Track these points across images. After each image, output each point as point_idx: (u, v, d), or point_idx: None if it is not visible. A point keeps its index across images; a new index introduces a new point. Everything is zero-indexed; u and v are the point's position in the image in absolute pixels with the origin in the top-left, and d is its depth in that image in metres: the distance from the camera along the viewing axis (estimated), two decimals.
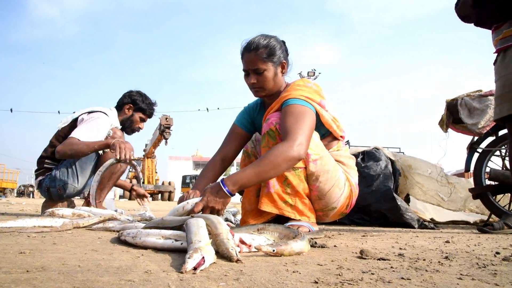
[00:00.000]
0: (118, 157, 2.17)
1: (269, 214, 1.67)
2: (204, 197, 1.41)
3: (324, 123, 1.71)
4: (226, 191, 1.40)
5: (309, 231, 1.62)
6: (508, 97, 1.90)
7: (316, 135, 1.67)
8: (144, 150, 17.18)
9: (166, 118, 12.19)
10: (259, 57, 1.66)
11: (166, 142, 12.46)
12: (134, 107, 2.73)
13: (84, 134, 2.33)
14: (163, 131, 12.22)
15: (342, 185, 1.70)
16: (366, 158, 3.38)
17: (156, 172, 20.49)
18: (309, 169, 1.62)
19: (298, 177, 1.61)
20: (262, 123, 1.73)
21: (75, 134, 2.33)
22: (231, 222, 2.12)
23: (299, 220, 1.63)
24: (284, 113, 1.60)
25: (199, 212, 1.39)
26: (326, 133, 1.77)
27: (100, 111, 2.50)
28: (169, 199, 19.74)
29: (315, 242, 1.32)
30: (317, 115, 1.66)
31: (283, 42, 1.78)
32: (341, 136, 1.81)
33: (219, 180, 1.46)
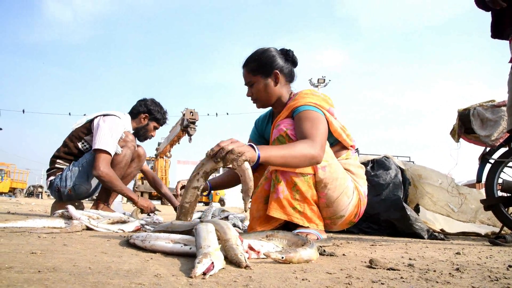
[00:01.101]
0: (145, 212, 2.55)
1: (276, 221, 1.68)
2: (236, 140, 1.26)
3: (333, 131, 1.71)
4: (257, 151, 1.29)
5: (318, 239, 1.61)
6: None
7: (325, 142, 1.67)
8: (157, 149, 15.60)
9: (191, 112, 10.52)
10: (248, 71, 1.77)
11: (190, 139, 10.69)
12: (150, 116, 2.78)
13: (107, 143, 2.39)
14: (187, 127, 10.54)
15: (350, 193, 1.70)
16: (375, 166, 3.36)
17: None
18: (317, 175, 1.61)
19: (307, 183, 1.61)
20: (271, 132, 1.76)
21: (101, 145, 2.38)
22: (239, 228, 2.12)
23: (308, 227, 1.62)
24: (298, 119, 1.61)
25: (221, 148, 1.20)
26: (334, 142, 1.77)
27: (114, 115, 2.54)
28: None
29: (324, 250, 1.32)
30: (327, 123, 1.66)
31: (286, 52, 1.81)
32: (351, 146, 1.81)
33: (249, 143, 1.34)
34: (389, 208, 2.96)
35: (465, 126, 3.23)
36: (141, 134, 2.80)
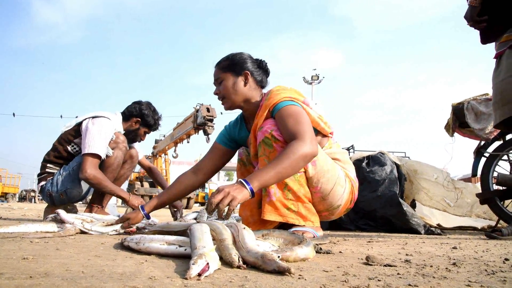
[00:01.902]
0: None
1: (272, 224, 1.68)
2: (224, 188, 1.31)
3: (312, 121, 1.70)
4: (248, 189, 1.32)
5: (314, 236, 1.61)
6: (499, 104, 2.02)
7: (313, 133, 1.63)
8: (154, 147, 13.92)
9: (208, 108, 9.13)
10: (219, 68, 1.80)
11: (208, 139, 9.30)
12: (142, 121, 2.74)
13: (96, 146, 2.37)
14: (203, 125, 9.11)
15: (343, 182, 1.72)
16: (371, 162, 3.37)
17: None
18: (308, 172, 1.62)
19: (298, 182, 1.61)
20: (251, 135, 1.75)
21: (90, 149, 2.35)
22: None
23: (303, 225, 1.62)
24: (280, 117, 1.60)
25: (216, 204, 1.24)
26: (314, 132, 1.77)
27: (103, 116, 2.51)
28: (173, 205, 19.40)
29: (320, 248, 1.32)
30: None
31: (259, 60, 1.85)
32: (331, 133, 1.82)
33: (239, 180, 1.38)
34: (385, 204, 2.97)
35: (460, 120, 3.25)
36: (130, 137, 2.75)
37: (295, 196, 1.61)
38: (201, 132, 9.60)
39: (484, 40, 2.12)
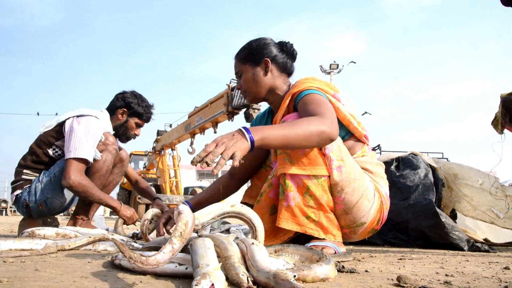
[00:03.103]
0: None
1: (286, 235, 1.70)
2: (222, 138, 1.32)
3: (342, 119, 1.75)
4: (248, 136, 1.33)
5: (335, 252, 1.62)
6: None
7: (336, 120, 1.65)
8: (157, 140, 12.26)
9: None
10: (238, 59, 1.90)
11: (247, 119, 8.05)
12: (129, 111, 2.76)
13: (83, 150, 2.39)
14: (243, 107, 7.97)
15: (371, 196, 1.71)
16: (401, 165, 3.35)
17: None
18: (333, 178, 1.62)
19: (322, 187, 1.62)
20: None
21: (76, 153, 2.37)
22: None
23: (323, 239, 1.63)
24: (302, 104, 1.66)
25: (209, 152, 1.25)
26: (346, 136, 1.81)
27: (90, 115, 2.53)
28: None
29: (343, 266, 1.32)
30: None
31: (283, 43, 1.92)
32: (365, 136, 1.83)
33: (239, 128, 1.39)
34: (419, 215, 2.95)
35: (510, 115, 3.22)
36: (121, 133, 2.79)
37: (317, 204, 1.62)
38: (236, 118, 8.31)
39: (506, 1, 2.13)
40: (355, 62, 22.64)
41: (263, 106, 8.28)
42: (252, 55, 1.85)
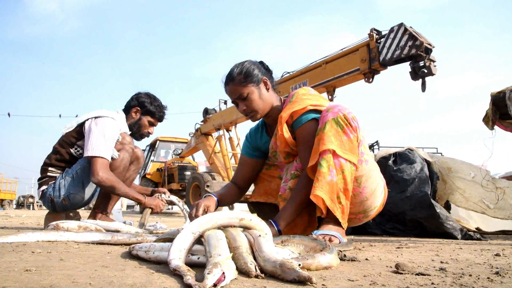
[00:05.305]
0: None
1: (298, 229, 1.79)
2: None
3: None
4: (276, 228, 1.61)
5: (339, 242, 1.61)
6: None
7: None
8: (204, 121, 9.27)
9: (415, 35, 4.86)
10: (238, 83, 1.85)
11: (424, 87, 4.89)
12: (142, 110, 2.77)
13: (101, 149, 2.41)
14: (414, 57, 4.86)
15: (381, 183, 1.89)
16: (398, 160, 3.34)
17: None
18: (360, 169, 1.73)
19: (351, 174, 1.68)
20: (272, 143, 1.93)
21: (94, 152, 2.39)
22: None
23: (331, 227, 1.64)
24: (298, 142, 1.80)
25: None
26: None
27: (107, 116, 2.55)
28: None
29: (345, 255, 1.32)
30: None
31: (260, 62, 1.97)
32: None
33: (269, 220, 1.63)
34: (415, 206, 2.94)
35: (500, 112, 3.18)
36: (135, 130, 2.79)
37: (345, 189, 1.66)
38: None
39: None
40: None
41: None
42: (251, 76, 1.85)
